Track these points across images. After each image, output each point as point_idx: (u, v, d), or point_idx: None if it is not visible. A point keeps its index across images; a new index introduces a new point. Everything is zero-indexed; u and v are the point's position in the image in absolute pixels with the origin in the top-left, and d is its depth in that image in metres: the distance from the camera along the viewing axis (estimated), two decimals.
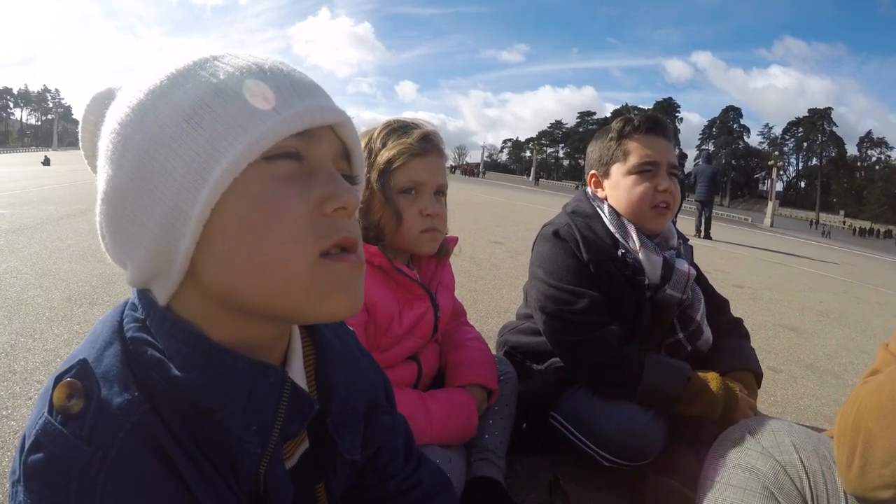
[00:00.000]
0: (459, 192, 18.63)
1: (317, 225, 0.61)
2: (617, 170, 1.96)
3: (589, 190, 2.07)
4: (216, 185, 0.57)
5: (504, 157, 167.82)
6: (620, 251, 1.88)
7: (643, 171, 1.90)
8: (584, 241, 1.87)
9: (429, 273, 1.73)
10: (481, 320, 3.82)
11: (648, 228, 1.93)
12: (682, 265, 1.94)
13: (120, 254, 0.65)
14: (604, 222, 1.94)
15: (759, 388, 1.97)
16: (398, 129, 1.60)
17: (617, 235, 1.91)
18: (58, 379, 0.58)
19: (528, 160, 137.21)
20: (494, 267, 6.03)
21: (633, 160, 1.91)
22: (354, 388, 0.85)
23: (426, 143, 1.57)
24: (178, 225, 0.59)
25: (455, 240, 1.77)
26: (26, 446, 0.57)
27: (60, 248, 4.54)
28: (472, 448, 1.73)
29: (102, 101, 0.67)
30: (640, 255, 1.87)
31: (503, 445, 1.79)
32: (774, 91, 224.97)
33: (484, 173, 75.73)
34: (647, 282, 1.88)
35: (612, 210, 1.95)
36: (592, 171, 2.04)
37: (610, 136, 1.97)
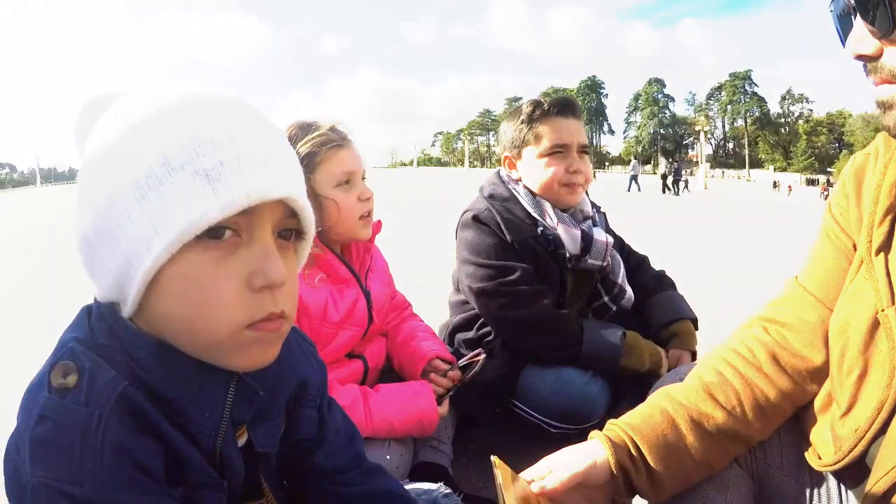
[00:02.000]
0: (391, 190, 18.59)
1: (246, 301, 0.71)
2: (529, 152, 2.09)
3: (503, 172, 2.21)
4: (156, 260, 0.67)
5: (436, 150, 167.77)
6: (540, 229, 2.04)
7: (554, 153, 2.03)
8: (505, 223, 2.01)
9: (356, 262, 1.81)
10: (424, 313, 3.83)
11: (563, 204, 2.09)
12: (600, 235, 2.12)
13: (89, 272, 0.76)
14: (521, 203, 2.08)
15: (696, 331, 2.19)
16: (305, 126, 1.70)
17: (535, 214, 2.05)
18: (52, 366, 0.68)
19: (461, 151, 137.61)
20: (434, 261, 6.03)
21: (544, 144, 2.04)
22: (281, 380, 0.93)
23: (340, 134, 1.69)
24: (126, 280, 0.70)
25: (379, 224, 1.86)
26: (31, 424, 0.65)
27: None
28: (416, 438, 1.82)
29: (95, 111, 0.77)
30: (559, 231, 2.03)
31: (448, 432, 1.90)
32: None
33: None
34: (567, 254, 2.05)
35: (528, 190, 2.09)
36: (506, 154, 2.18)
37: (521, 118, 2.09)
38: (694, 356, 2.09)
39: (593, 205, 2.28)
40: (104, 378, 0.68)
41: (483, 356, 1.85)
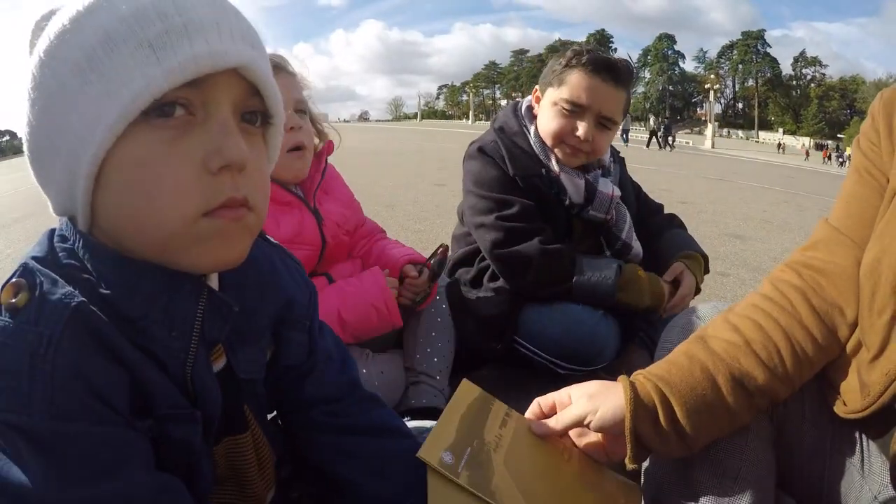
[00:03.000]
0: (391, 142, 18.57)
1: (202, 186, 0.64)
2: (549, 94, 1.96)
3: (524, 104, 2.10)
4: (99, 145, 0.60)
5: (441, 103, 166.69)
6: (543, 169, 1.96)
7: (565, 108, 1.89)
8: (509, 156, 1.95)
9: (305, 182, 1.76)
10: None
11: (561, 160, 1.98)
12: (606, 187, 2.00)
13: (41, 185, 0.70)
14: (528, 140, 2.00)
15: (706, 269, 2.10)
16: None
17: (540, 157, 1.97)
18: (3, 286, 0.62)
19: (466, 104, 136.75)
20: (438, 207, 6.02)
21: (563, 93, 1.89)
22: (263, 298, 0.87)
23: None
24: (73, 178, 0.63)
25: (331, 144, 1.83)
26: None
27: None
28: (407, 371, 1.78)
29: (42, 26, 0.68)
30: (562, 178, 1.95)
31: (439, 365, 1.81)
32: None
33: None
34: (568, 202, 1.97)
35: (538, 131, 2.00)
36: (536, 87, 2.05)
37: (560, 59, 1.95)
38: (698, 288, 2.03)
39: (613, 152, 2.19)
40: (57, 294, 0.62)
41: (445, 245, 1.83)
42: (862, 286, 0.95)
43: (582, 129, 1.87)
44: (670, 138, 31.94)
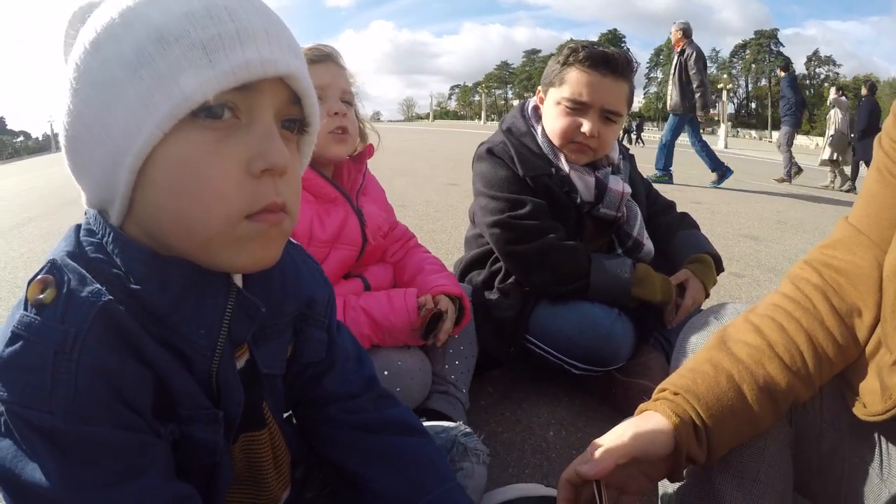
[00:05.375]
0: (403, 141, 18.62)
1: (245, 188, 0.65)
2: (551, 94, 1.98)
3: (530, 104, 2.11)
4: (146, 140, 0.61)
5: (453, 104, 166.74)
6: (553, 169, 1.97)
7: (568, 106, 1.91)
8: (518, 157, 1.95)
9: (347, 183, 1.78)
10: (441, 258, 3.81)
11: (569, 158, 1.99)
12: (616, 184, 2.01)
13: (75, 175, 0.70)
14: (537, 140, 2.01)
15: (719, 270, 2.10)
16: None
17: (549, 156, 1.98)
18: (30, 281, 0.63)
19: (478, 104, 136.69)
20: (451, 207, 6.01)
21: (564, 92, 1.91)
22: (286, 297, 0.89)
23: (317, 52, 1.68)
24: (116, 169, 0.64)
25: (371, 148, 1.86)
26: (2, 344, 0.60)
27: (14, 258, 4.42)
28: (435, 376, 1.76)
29: (81, 17, 0.69)
30: (572, 176, 1.96)
31: (465, 377, 1.82)
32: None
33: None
34: (579, 200, 1.97)
35: (545, 131, 2.00)
36: (539, 87, 2.08)
37: (559, 57, 1.97)
38: (707, 292, 2.01)
39: (622, 150, 2.18)
40: (84, 292, 0.63)
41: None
42: (885, 288, 0.93)
43: (587, 125, 1.88)
44: (637, 135, 36.37)
